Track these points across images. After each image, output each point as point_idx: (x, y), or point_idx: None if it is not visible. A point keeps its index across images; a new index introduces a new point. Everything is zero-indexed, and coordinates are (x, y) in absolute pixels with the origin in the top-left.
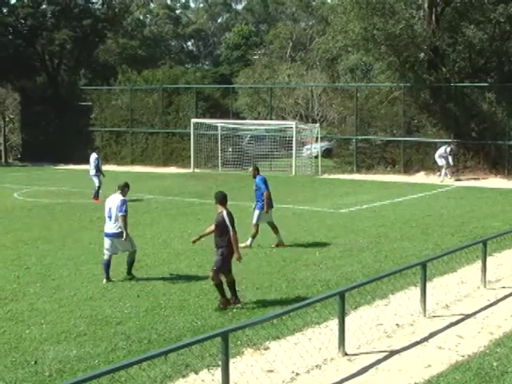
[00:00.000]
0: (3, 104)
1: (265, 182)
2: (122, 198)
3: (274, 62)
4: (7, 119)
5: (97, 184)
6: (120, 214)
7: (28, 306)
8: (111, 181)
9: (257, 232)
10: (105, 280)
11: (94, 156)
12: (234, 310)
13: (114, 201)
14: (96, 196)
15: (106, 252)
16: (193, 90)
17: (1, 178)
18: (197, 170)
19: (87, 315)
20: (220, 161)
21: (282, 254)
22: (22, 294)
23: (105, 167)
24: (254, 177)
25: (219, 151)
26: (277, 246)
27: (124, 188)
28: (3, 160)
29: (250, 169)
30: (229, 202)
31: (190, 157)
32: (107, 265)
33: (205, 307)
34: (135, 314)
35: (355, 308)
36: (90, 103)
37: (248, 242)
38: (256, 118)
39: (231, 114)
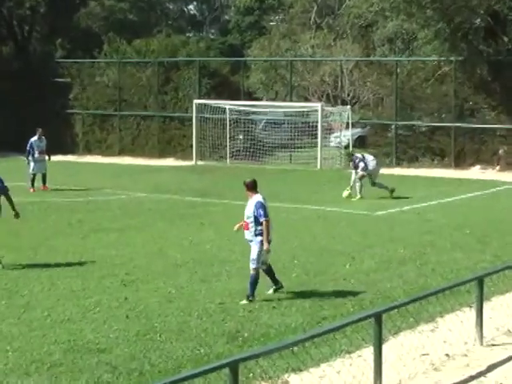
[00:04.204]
0: None
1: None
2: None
3: (294, 30)
4: None
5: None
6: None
7: None
8: (95, 174)
9: None
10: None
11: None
12: (246, 335)
13: None
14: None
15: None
16: (195, 64)
17: None
18: (200, 163)
19: (64, 341)
20: (228, 151)
21: (305, 267)
22: None
23: (87, 158)
24: None
25: (227, 139)
26: None
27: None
28: None
29: None
30: (238, 202)
31: (191, 146)
32: None
33: (209, 331)
34: (123, 340)
35: (395, 333)
36: (69, 80)
37: None
38: (273, 99)
39: (242, 93)
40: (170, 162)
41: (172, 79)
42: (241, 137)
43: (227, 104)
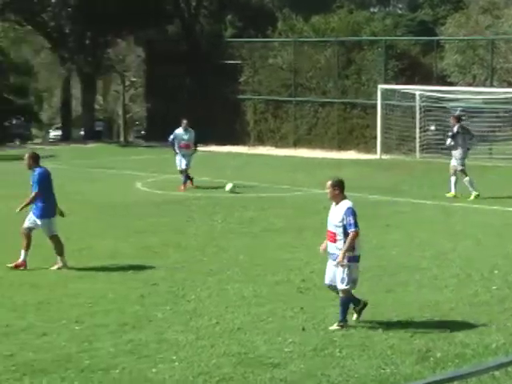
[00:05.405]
0: (123, 62)
1: (43, 177)
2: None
3: (497, 4)
4: (128, 83)
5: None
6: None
7: (155, 335)
8: (268, 167)
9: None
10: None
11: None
12: (439, 355)
13: None
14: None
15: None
16: (381, 43)
17: (119, 162)
18: (385, 157)
19: (234, 352)
20: (418, 144)
21: (508, 278)
22: (147, 320)
23: (259, 149)
24: (31, 168)
25: (417, 130)
26: (17, 266)
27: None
28: (122, 138)
29: (26, 155)
30: (430, 202)
31: (375, 137)
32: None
33: (396, 348)
34: (299, 355)
35: None
36: (240, 62)
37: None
38: (470, 84)
39: (435, 77)
40: (351, 154)
41: (354, 61)
42: (432, 127)
43: (417, 89)
